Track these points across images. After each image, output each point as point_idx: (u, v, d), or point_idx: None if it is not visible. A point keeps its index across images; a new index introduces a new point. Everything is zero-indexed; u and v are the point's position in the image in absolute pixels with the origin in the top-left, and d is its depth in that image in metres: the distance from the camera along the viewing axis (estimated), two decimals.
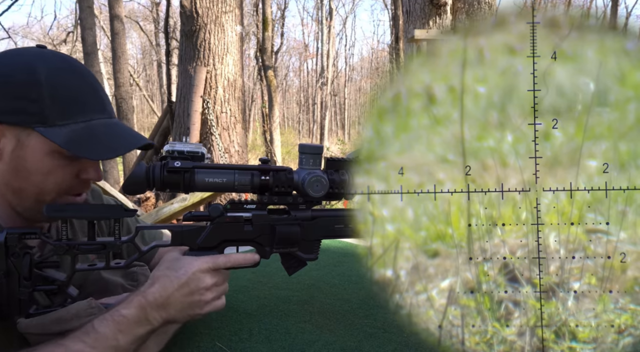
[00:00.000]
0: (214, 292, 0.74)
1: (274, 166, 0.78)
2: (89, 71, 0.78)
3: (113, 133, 0.74)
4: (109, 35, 10.50)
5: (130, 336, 0.66)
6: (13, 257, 0.67)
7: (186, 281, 0.71)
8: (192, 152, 0.75)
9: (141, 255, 0.75)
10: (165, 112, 5.45)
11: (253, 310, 0.96)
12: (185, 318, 0.73)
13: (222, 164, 0.78)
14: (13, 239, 0.67)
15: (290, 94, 28.15)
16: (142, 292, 0.69)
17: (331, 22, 18.41)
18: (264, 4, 9.36)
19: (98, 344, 0.63)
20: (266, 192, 0.78)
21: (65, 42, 12.37)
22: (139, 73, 22.60)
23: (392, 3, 10.90)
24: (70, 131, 0.69)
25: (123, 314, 0.66)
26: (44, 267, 0.70)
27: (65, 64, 0.73)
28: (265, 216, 0.79)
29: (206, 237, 0.76)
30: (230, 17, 4.89)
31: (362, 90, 26.60)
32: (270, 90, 9.13)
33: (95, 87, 0.75)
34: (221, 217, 0.77)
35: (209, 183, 0.74)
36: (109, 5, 8.20)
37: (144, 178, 0.72)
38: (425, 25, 4.04)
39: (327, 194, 0.77)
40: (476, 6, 4.06)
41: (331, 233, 0.81)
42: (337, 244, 1.52)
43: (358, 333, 0.86)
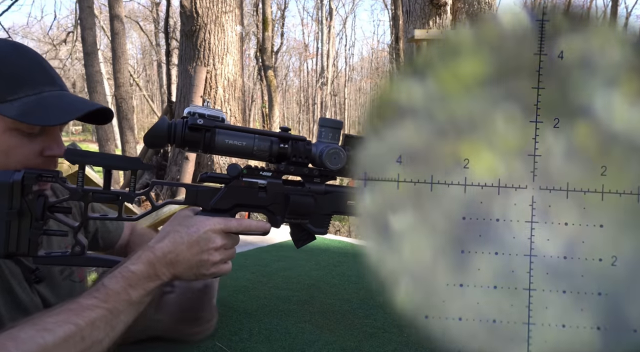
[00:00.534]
0: (222, 255, 0.74)
1: (294, 135, 0.77)
2: (35, 52, 0.78)
3: (66, 101, 0.75)
4: (109, 35, 10.50)
5: (142, 290, 0.66)
6: (28, 197, 0.68)
7: (197, 239, 0.70)
8: (212, 116, 0.75)
9: (155, 209, 0.75)
10: (165, 112, 5.45)
11: (253, 310, 0.96)
12: (191, 277, 0.72)
13: (243, 127, 0.78)
14: (30, 178, 0.68)
15: (290, 94, 28.15)
16: (151, 248, 0.69)
17: (331, 22, 18.42)
18: (264, 4, 9.36)
19: (110, 298, 0.63)
20: (283, 161, 0.78)
21: (65, 42, 12.37)
22: (139, 73, 22.61)
23: (392, 3, 10.90)
24: (21, 104, 0.70)
25: (132, 270, 0.66)
26: (56, 211, 0.71)
27: (8, 46, 0.74)
28: (280, 185, 0.79)
29: (220, 200, 0.76)
30: (230, 17, 4.89)
31: (362, 90, 26.60)
32: (270, 90, 9.13)
33: (43, 65, 0.76)
34: (237, 181, 0.77)
35: (229, 145, 0.73)
36: (109, 5, 8.21)
37: (166, 132, 0.71)
38: (425, 25, 4.05)
39: (343, 169, 0.76)
40: (476, 6, 4.06)
41: (343, 209, 0.81)
42: (337, 244, 1.52)
43: (358, 333, 0.86)
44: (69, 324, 0.58)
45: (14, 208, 0.67)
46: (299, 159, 0.78)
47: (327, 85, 17.81)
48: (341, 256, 1.39)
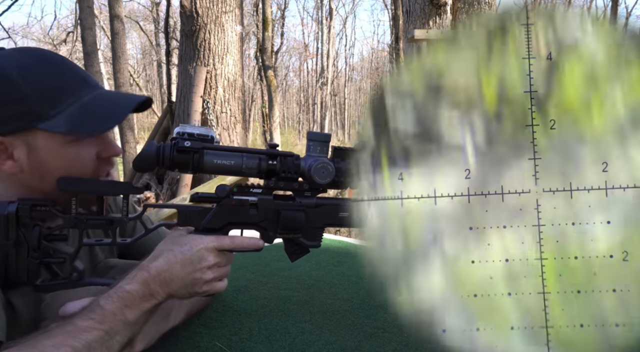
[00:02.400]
0: (215, 273, 0.74)
1: (282, 151, 0.78)
2: (58, 55, 0.77)
3: (107, 102, 0.75)
4: (109, 35, 10.50)
5: (137, 311, 0.66)
6: (23, 228, 0.69)
7: (190, 257, 0.71)
8: (202, 134, 0.76)
9: (147, 233, 0.76)
10: (165, 112, 5.45)
11: (253, 310, 0.96)
12: (185, 295, 0.73)
13: (231, 146, 0.78)
14: (24, 209, 0.69)
15: (290, 94, 28.14)
16: (146, 267, 0.69)
17: (331, 22, 18.41)
18: (264, 4, 9.35)
19: (106, 319, 0.63)
20: (273, 177, 0.79)
21: (65, 42, 12.37)
22: (139, 73, 22.59)
23: (392, 3, 10.90)
24: (67, 116, 0.70)
25: (127, 289, 0.66)
26: (53, 240, 0.72)
27: (32, 57, 0.73)
28: (271, 201, 0.79)
29: (211, 219, 0.77)
30: (230, 17, 4.89)
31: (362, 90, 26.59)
32: (270, 90, 9.13)
33: (72, 67, 0.75)
34: (227, 200, 0.77)
35: (217, 165, 0.75)
36: (109, 5, 8.20)
37: (154, 156, 0.72)
38: (425, 25, 4.04)
39: (333, 182, 0.77)
40: (476, 6, 4.06)
41: (335, 221, 0.82)
42: (337, 244, 1.51)
43: (358, 333, 0.86)
44: (65, 346, 0.58)
45: (10, 239, 0.68)
46: (289, 175, 0.78)
47: (327, 85, 17.80)
48: (341, 256, 1.39)
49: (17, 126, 0.68)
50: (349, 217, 0.80)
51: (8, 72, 0.68)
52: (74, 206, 0.71)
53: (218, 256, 0.74)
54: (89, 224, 0.73)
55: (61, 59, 0.76)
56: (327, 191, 0.84)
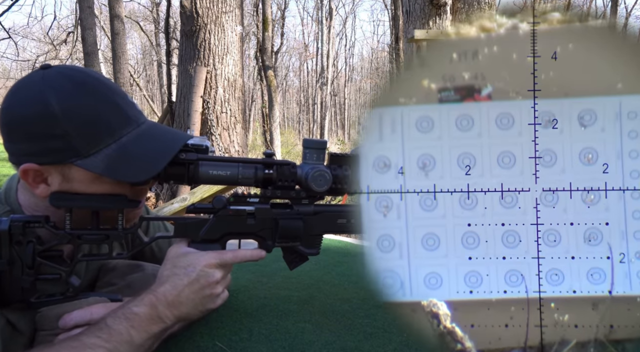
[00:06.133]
0: (223, 285, 0.76)
1: (278, 160, 0.78)
2: (99, 81, 0.73)
3: (146, 147, 0.72)
4: (109, 36, 10.50)
5: (144, 333, 0.66)
6: (17, 245, 0.68)
7: (196, 278, 0.71)
8: (196, 145, 0.75)
9: (144, 246, 0.76)
10: (166, 112, 5.45)
11: (253, 310, 0.96)
12: (198, 314, 0.74)
13: (226, 156, 0.79)
14: (17, 227, 0.68)
15: (290, 94, 28.15)
16: (153, 291, 0.70)
17: (331, 22, 18.41)
18: (264, 4, 9.35)
19: (112, 338, 0.64)
20: (269, 186, 0.78)
21: (65, 42, 12.35)
22: (139, 73, 22.60)
23: (392, 3, 10.91)
24: (105, 156, 0.69)
25: (134, 311, 0.67)
26: (47, 256, 0.71)
27: (75, 85, 0.70)
28: (268, 210, 0.79)
29: (209, 230, 0.76)
30: (230, 17, 4.89)
31: (362, 90, 26.60)
32: (270, 90, 9.13)
33: (111, 99, 0.72)
34: (224, 210, 0.77)
35: (213, 176, 0.74)
36: (109, 5, 8.21)
37: None
38: (425, 26, 4.04)
39: (330, 189, 0.77)
40: (476, 6, 4.06)
41: (333, 228, 0.81)
42: (337, 244, 1.52)
43: (358, 333, 0.86)
44: None
45: (3, 258, 0.67)
46: (285, 183, 0.78)
47: (327, 86, 17.81)
48: (341, 256, 1.39)
49: (55, 159, 0.69)
50: (347, 223, 0.81)
51: (51, 108, 0.67)
52: (67, 222, 0.71)
53: (222, 270, 0.75)
54: (83, 239, 0.72)
55: (105, 87, 0.73)
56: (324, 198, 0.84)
